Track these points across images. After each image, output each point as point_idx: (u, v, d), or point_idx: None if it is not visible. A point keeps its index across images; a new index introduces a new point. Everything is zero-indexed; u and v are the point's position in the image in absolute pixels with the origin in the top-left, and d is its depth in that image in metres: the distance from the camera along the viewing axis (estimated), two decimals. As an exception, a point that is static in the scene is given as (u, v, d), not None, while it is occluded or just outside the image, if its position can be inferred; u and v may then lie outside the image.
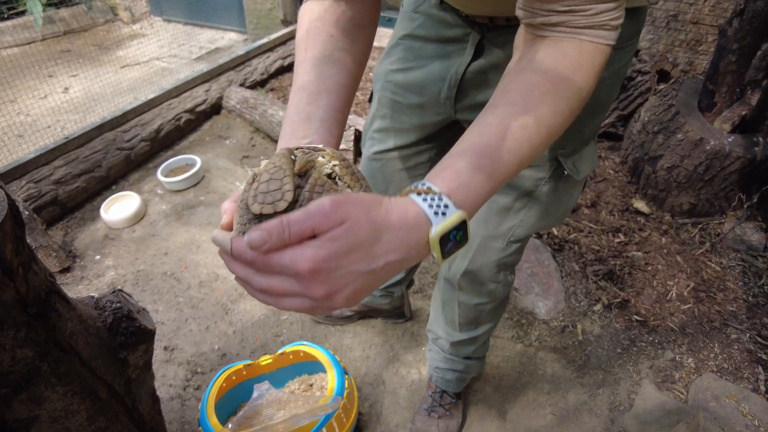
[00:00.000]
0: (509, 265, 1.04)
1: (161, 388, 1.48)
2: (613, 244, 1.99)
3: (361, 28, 0.69)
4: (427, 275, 1.85)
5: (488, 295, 1.09)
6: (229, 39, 3.82)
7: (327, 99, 0.64)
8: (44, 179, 1.99)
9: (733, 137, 1.95)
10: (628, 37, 0.75)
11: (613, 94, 0.82)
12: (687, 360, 1.61)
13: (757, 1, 1.78)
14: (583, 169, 0.87)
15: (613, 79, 0.80)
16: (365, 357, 1.58)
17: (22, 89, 2.95)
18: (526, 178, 0.87)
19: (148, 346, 0.88)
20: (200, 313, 1.71)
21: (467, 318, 1.16)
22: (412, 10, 0.91)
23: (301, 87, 0.65)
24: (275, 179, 0.46)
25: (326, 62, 0.66)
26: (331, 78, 0.65)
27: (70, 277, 1.83)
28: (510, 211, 0.92)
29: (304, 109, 0.63)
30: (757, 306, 1.77)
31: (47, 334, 0.61)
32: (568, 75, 0.52)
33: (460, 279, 1.06)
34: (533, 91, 0.52)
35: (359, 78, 0.70)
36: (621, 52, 0.77)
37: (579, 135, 0.83)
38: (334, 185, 0.48)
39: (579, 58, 0.52)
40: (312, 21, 0.68)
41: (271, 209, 0.45)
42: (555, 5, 0.52)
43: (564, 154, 0.84)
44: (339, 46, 0.67)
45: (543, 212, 0.91)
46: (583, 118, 0.81)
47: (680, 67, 2.59)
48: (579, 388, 1.53)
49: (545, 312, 1.73)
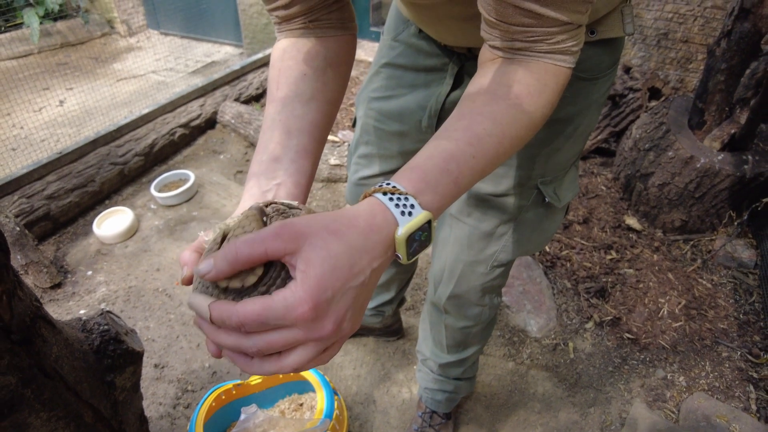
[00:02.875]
0: (494, 288, 1.04)
1: (151, 407, 1.47)
2: (605, 261, 1.99)
3: (335, 67, 0.68)
4: (419, 292, 1.85)
5: (474, 319, 1.09)
6: (225, 53, 3.84)
7: (298, 139, 0.63)
8: (37, 194, 1.99)
9: (723, 155, 1.97)
10: (605, 67, 0.77)
11: (592, 123, 0.83)
12: (678, 378, 1.61)
13: (744, 22, 1.82)
14: (565, 196, 0.88)
15: (592, 109, 0.81)
16: (356, 376, 1.57)
17: (18, 102, 2.96)
18: (509, 205, 0.88)
19: (136, 368, 0.88)
20: (191, 330, 1.70)
21: (455, 340, 1.16)
22: (392, 39, 0.92)
23: (271, 126, 0.63)
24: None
25: (297, 101, 0.64)
26: (303, 118, 0.64)
27: (61, 293, 1.82)
28: (493, 237, 0.93)
29: (274, 149, 0.62)
30: (747, 324, 1.78)
31: (31, 360, 0.60)
32: (533, 91, 0.53)
33: (445, 303, 1.06)
34: (499, 103, 0.53)
35: (333, 115, 0.69)
36: (599, 82, 0.78)
37: (558, 163, 0.84)
38: None
39: (544, 76, 0.54)
40: (284, 60, 0.67)
41: (239, 284, 0.41)
42: (516, 40, 0.54)
43: (544, 182, 0.85)
44: (311, 84, 0.65)
45: (525, 238, 0.92)
46: (562, 146, 0.81)
47: (671, 84, 2.63)
48: (570, 407, 1.52)
49: (537, 330, 1.73)
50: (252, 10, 3.52)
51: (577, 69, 0.73)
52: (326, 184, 2.42)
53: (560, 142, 0.81)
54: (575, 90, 0.76)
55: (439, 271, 1.04)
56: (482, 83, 0.56)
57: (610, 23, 0.72)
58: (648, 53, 2.63)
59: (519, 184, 0.85)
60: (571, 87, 0.75)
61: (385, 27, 0.95)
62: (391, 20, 0.93)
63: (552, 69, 0.54)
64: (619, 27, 0.72)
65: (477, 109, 0.53)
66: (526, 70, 0.54)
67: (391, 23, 0.93)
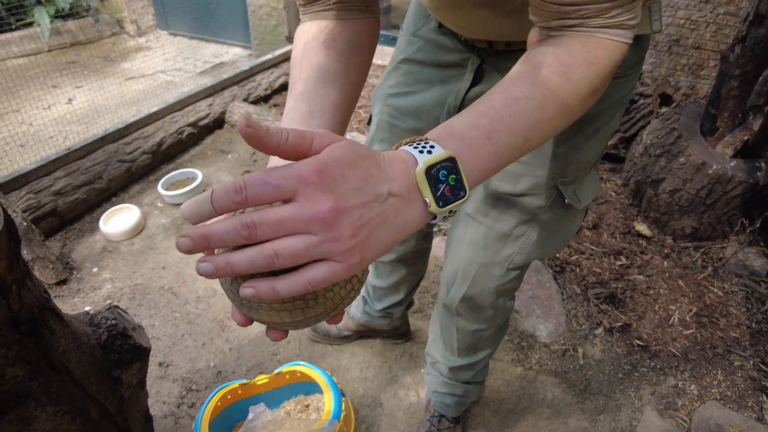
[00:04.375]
0: (508, 291, 1.02)
1: (155, 405, 1.45)
2: (614, 266, 1.97)
3: (358, 49, 0.68)
4: (427, 295, 1.83)
5: (487, 322, 1.07)
6: (233, 54, 3.84)
7: (320, 119, 0.62)
8: (44, 190, 1.98)
9: (735, 162, 1.95)
10: (631, 64, 0.74)
11: (614, 123, 0.81)
12: (690, 387, 1.58)
13: (759, 28, 1.80)
14: (585, 197, 0.86)
15: (615, 108, 0.78)
16: (363, 378, 1.55)
17: (27, 99, 2.96)
18: (527, 206, 0.86)
19: (142, 365, 0.87)
20: (197, 329, 1.68)
21: (466, 343, 1.14)
22: (411, 34, 0.90)
23: (293, 107, 0.63)
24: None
25: (320, 82, 0.64)
26: (326, 98, 0.63)
27: (66, 289, 1.81)
28: (509, 238, 0.90)
29: (295, 128, 0.62)
30: (760, 333, 1.75)
31: (39, 352, 0.59)
32: (581, 62, 0.50)
33: (458, 305, 1.04)
34: (542, 70, 0.49)
35: (355, 99, 0.68)
36: (623, 80, 0.75)
37: (579, 163, 0.82)
38: None
39: (597, 50, 0.51)
40: (307, 42, 0.67)
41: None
42: (568, 18, 0.51)
43: (564, 182, 0.83)
44: (334, 66, 0.65)
45: (543, 240, 0.90)
46: (582, 145, 0.79)
47: (682, 90, 2.61)
48: (580, 414, 1.50)
49: (546, 335, 1.71)
50: (261, 11, 3.52)
51: None
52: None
53: (581, 141, 0.79)
54: None
55: (453, 272, 1.02)
56: (528, 56, 0.53)
57: None
58: (659, 59, 2.62)
59: (538, 183, 0.82)
60: None
61: (404, 24, 0.94)
62: (410, 17, 0.92)
63: (606, 44, 0.51)
64: (646, 23, 0.69)
65: (516, 76, 0.50)
66: (577, 43, 0.51)
67: (410, 20, 0.92)
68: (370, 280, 1.41)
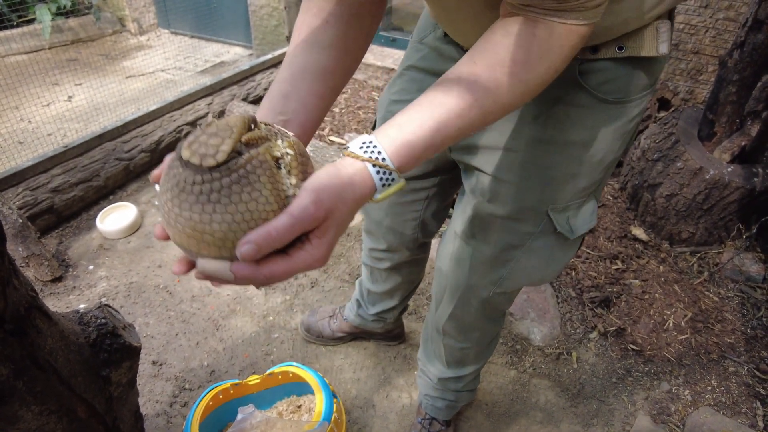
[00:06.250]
0: (496, 313, 1.01)
1: (147, 404, 1.45)
2: (610, 270, 1.97)
3: (359, 18, 0.67)
4: (422, 297, 1.83)
5: (473, 341, 1.07)
6: (234, 53, 3.85)
7: (310, 82, 0.64)
8: (41, 187, 1.98)
9: (733, 167, 1.94)
10: (635, 90, 0.70)
11: (614, 151, 0.75)
12: (683, 392, 1.58)
13: (758, 33, 1.80)
14: (579, 227, 0.82)
15: (616, 135, 0.73)
16: (356, 379, 1.55)
17: (27, 96, 2.97)
18: (515, 230, 0.83)
19: (132, 364, 0.87)
20: (191, 328, 1.69)
21: (453, 358, 1.14)
22: (418, 41, 0.90)
23: (286, 66, 0.65)
24: (218, 135, 0.44)
25: (316, 46, 0.65)
26: (318, 62, 0.64)
27: (61, 286, 1.81)
28: (496, 262, 0.88)
29: (285, 87, 0.63)
30: (755, 339, 1.75)
31: (24, 351, 0.59)
32: (532, 58, 0.52)
33: (445, 323, 1.04)
34: (496, 70, 0.52)
35: (350, 68, 0.69)
36: (626, 107, 0.70)
37: (572, 191, 0.78)
38: (274, 169, 0.46)
39: (549, 41, 0.51)
40: (310, 7, 0.67)
41: (198, 160, 0.43)
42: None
43: (555, 210, 0.79)
44: (331, 32, 0.66)
45: (532, 268, 0.87)
46: (576, 172, 0.75)
47: (680, 95, 2.61)
48: (573, 418, 1.50)
49: (540, 338, 1.71)
50: (262, 11, 3.53)
51: (600, 90, 0.68)
52: (331, 186, 2.41)
53: (574, 168, 0.75)
54: (595, 112, 0.70)
55: (441, 290, 1.01)
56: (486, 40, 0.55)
57: (642, 39, 0.65)
58: (658, 63, 2.61)
59: (525, 207, 0.80)
60: (590, 109, 0.69)
61: (414, 30, 0.93)
62: (420, 23, 0.91)
63: (560, 30, 0.50)
64: (653, 45, 0.65)
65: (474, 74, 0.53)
66: (529, 31, 0.51)
67: (420, 26, 0.91)
68: (365, 284, 1.41)
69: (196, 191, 0.44)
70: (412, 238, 1.12)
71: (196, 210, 0.44)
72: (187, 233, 0.46)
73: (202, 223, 0.44)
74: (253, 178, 0.45)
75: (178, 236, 0.47)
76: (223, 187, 0.44)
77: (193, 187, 0.44)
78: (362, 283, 1.42)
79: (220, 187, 0.44)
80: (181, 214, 0.45)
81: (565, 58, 0.53)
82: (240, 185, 0.44)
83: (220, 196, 0.44)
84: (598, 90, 0.68)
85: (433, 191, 1.03)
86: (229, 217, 0.44)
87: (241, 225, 0.45)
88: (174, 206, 0.45)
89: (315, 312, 1.65)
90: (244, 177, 0.44)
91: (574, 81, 0.68)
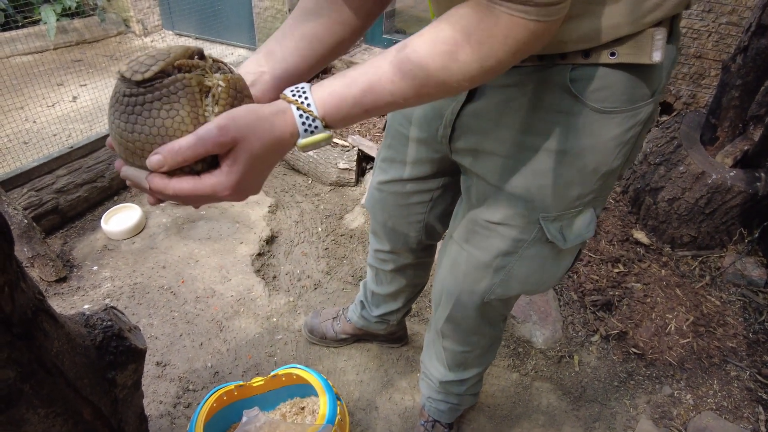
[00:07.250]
0: (493, 318, 1.01)
1: (151, 405, 1.46)
2: (612, 274, 1.97)
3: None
4: (425, 299, 1.84)
5: (472, 345, 1.07)
6: (238, 55, 3.86)
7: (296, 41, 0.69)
8: (46, 187, 2.00)
9: (735, 172, 1.94)
10: (630, 100, 0.67)
11: (609, 161, 0.72)
12: (685, 396, 1.58)
13: (762, 38, 1.80)
14: (572, 238, 0.80)
15: (610, 145, 0.70)
16: (359, 381, 1.56)
17: (31, 97, 2.98)
18: (507, 237, 0.82)
19: (138, 366, 0.87)
20: (195, 329, 1.69)
21: (455, 361, 1.15)
22: None
23: (279, 30, 0.71)
24: (155, 57, 0.51)
25: (312, 15, 0.70)
26: (308, 28, 0.70)
27: (66, 287, 1.82)
28: (489, 269, 0.87)
29: (271, 45, 0.69)
30: (757, 343, 1.75)
31: (31, 354, 0.60)
32: (472, 42, 0.52)
33: (443, 326, 1.04)
34: (437, 47, 0.53)
35: (344, 40, 0.72)
36: (619, 117, 0.68)
37: (565, 200, 0.76)
38: (197, 95, 0.52)
39: (493, 28, 0.51)
40: None
41: (129, 75, 0.49)
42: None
43: (547, 218, 0.78)
44: (327, 4, 0.70)
45: (525, 276, 0.86)
46: (569, 181, 0.74)
47: (683, 99, 2.61)
48: (574, 421, 1.50)
49: (542, 341, 1.71)
50: (266, 13, 3.54)
51: (592, 98, 0.66)
52: (334, 188, 2.42)
53: (567, 176, 0.73)
54: (587, 121, 0.68)
55: (438, 294, 1.02)
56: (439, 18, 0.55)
57: (636, 46, 0.63)
58: (661, 67, 2.61)
59: (516, 214, 0.79)
60: (581, 117, 0.68)
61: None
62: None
63: (505, 20, 0.50)
64: (646, 52, 0.62)
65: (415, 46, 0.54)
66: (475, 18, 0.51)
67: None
68: (369, 285, 1.41)
69: (124, 102, 0.51)
70: (416, 240, 1.12)
71: (122, 119, 0.51)
72: (117, 140, 0.53)
73: (126, 132, 0.51)
74: (174, 99, 0.50)
75: (114, 142, 0.55)
76: (146, 102, 0.50)
77: (122, 99, 0.51)
78: (367, 285, 1.43)
79: (144, 101, 0.50)
80: (113, 122, 0.52)
81: (512, 51, 0.52)
82: (161, 102, 0.50)
83: (142, 109, 0.50)
84: (589, 98, 0.66)
85: (438, 193, 1.03)
86: (146, 129, 0.50)
87: (157, 138, 0.51)
88: (110, 114, 0.52)
89: (318, 314, 1.66)
90: (166, 96, 0.50)
91: (565, 88, 0.67)
